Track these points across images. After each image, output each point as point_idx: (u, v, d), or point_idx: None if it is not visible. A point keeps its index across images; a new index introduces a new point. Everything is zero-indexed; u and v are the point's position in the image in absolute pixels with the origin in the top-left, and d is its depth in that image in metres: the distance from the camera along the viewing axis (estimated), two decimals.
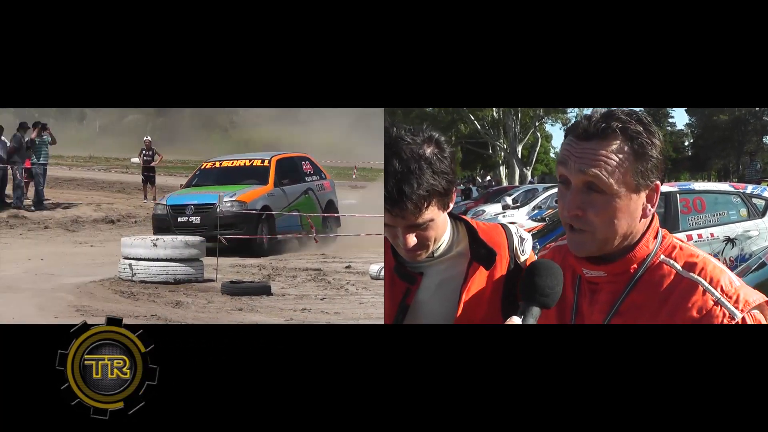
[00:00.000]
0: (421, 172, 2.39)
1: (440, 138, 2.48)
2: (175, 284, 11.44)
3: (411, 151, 2.41)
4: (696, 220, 10.98)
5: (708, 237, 10.84)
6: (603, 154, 2.19)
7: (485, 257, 2.61)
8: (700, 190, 11.58)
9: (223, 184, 15.06)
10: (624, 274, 2.28)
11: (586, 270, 2.32)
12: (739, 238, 10.82)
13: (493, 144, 43.41)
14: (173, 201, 14.90)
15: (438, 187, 2.41)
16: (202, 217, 14.38)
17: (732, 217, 11.01)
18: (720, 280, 2.22)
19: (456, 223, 2.67)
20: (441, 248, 2.61)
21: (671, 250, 2.30)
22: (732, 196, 11.20)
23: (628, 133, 2.21)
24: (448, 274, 2.62)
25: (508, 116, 40.52)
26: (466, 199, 31.97)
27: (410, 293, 2.60)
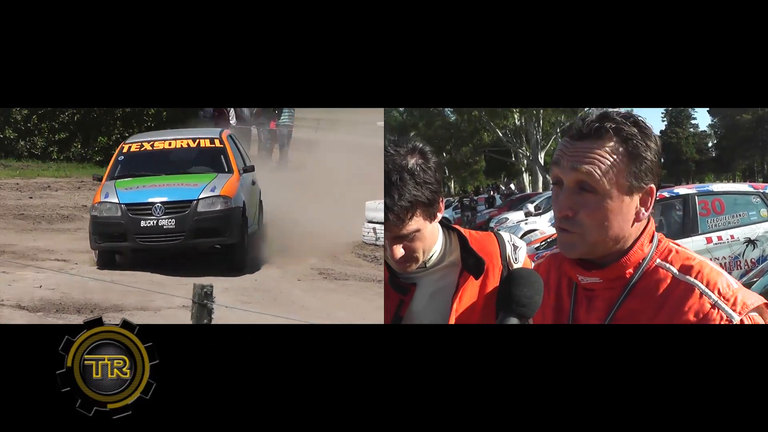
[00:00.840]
0: (403, 183, 2.41)
1: (425, 148, 2.50)
2: None
3: (393, 162, 2.43)
4: (715, 222, 10.88)
5: (728, 239, 10.74)
6: (596, 153, 2.18)
7: (474, 266, 2.61)
8: (719, 191, 11.44)
9: (163, 174, 11.14)
10: (619, 280, 2.26)
11: (581, 276, 2.30)
12: (760, 239, 10.70)
13: (516, 152, 43.28)
14: (129, 198, 10.61)
15: (421, 197, 2.43)
16: (177, 220, 10.43)
17: (752, 218, 10.89)
18: (717, 282, 2.19)
19: (448, 233, 2.68)
20: (433, 258, 2.62)
21: (667, 253, 2.28)
22: (752, 196, 11.07)
23: (622, 134, 2.19)
24: (441, 284, 2.64)
25: (529, 124, 40.39)
26: (490, 207, 31.83)
27: (403, 305, 2.62)
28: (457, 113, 39.84)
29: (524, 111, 38.24)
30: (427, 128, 40.82)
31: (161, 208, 10.41)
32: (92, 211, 10.69)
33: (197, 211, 10.42)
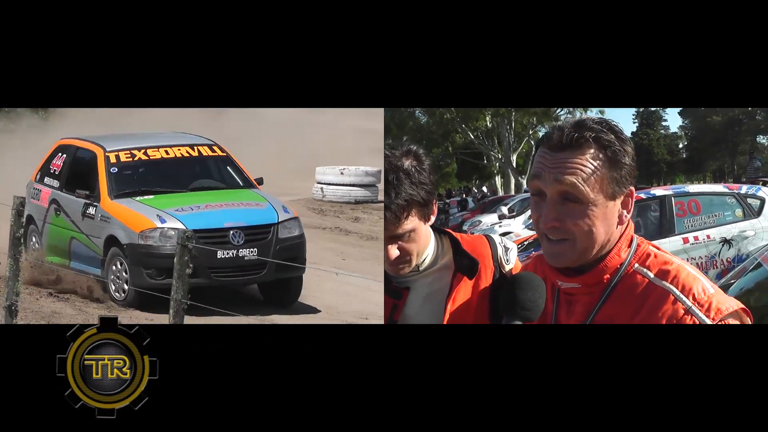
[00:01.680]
0: (399, 182, 2.47)
1: (419, 151, 2.56)
2: (355, 204, 14.19)
3: (389, 163, 2.50)
4: (692, 222, 10.97)
5: (704, 239, 10.84)
6: (578, 163, 2.19)
7: (468, 267, 2.63)
8: (695, 192, 11.58)
9: (174, 191, 9.12)
10: (597, 285, 2.27)
11: (561, 282, 2.32)
12: (736, 239, 10.81)
13: (488, 154, 43.41)
14: (196, 222, 8.47)
15: (417, 197, 2.48)
16: (258, 250, 8.52)
17: (727, 218, 10.99)
18: (693, 288, 2.18)
19: (440, 236, 2.70)
20: (426, 262, 2.64)
21: (645, 258, 2.28)
22: (727, 197, 11.19)
23: (601, 142, 2.20)
24: (434, 287, 2.65)
25: (501, 126, 40.51)
26: (462, 210, 31.92)
27: (397, 309, 2.63)
28: (429, 115, 39.93)
29: (496, 112, 38.37)
30: (399, 130, 40.92)
31: (240, 235, 8.53)
32: (140, 239, 8.49)
33: (279, 238, 8.68)
